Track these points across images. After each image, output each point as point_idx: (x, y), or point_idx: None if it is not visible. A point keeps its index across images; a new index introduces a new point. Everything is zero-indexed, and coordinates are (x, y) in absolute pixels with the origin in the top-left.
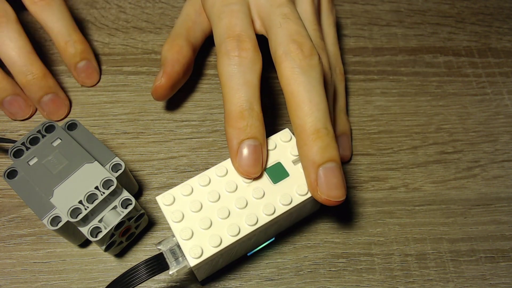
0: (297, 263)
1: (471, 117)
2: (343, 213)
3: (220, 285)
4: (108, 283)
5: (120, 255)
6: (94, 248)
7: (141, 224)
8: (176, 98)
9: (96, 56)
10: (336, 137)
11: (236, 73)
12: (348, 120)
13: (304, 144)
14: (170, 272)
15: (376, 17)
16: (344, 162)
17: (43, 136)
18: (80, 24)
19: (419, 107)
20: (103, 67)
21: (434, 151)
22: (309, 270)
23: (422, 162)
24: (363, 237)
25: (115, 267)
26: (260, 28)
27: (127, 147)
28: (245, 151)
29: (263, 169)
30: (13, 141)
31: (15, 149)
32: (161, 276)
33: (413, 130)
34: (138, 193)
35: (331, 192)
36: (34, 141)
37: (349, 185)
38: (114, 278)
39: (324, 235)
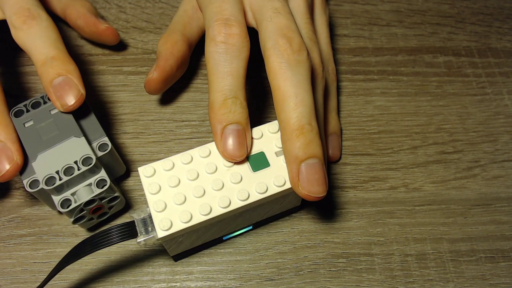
0: (297, 263)
1: (471, 117)
2: (343, 213)
3: (220, 285)
4: (108, 283)
5: (92, 230)
6: None
7: (116, 206)
8: (176, 98)
9: (96, 56)
10: (327, 136)
11: (222, 61)
12: (339, 120)
13: (287, 139)
14: (138, 240)
15: (376, 17)
16: (334, 162)
17: (45, 102)
18: None
19: (419, 107)
20: (103, 67)
21: (434, 151)
22: (309, 270)
23: (422, 162)
24: (363, 237)
25: (115, 267)
26: (251, 21)
27: (127, 147)
28: (229, 135)
29: (247, 153)
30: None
31: (16, 109)
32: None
33: (413, 130)
34: (125, 175)
35: (312, 188)
36: (36, 105)
37: (349, 185)
38: (114, 277)
39: (324, 235)
